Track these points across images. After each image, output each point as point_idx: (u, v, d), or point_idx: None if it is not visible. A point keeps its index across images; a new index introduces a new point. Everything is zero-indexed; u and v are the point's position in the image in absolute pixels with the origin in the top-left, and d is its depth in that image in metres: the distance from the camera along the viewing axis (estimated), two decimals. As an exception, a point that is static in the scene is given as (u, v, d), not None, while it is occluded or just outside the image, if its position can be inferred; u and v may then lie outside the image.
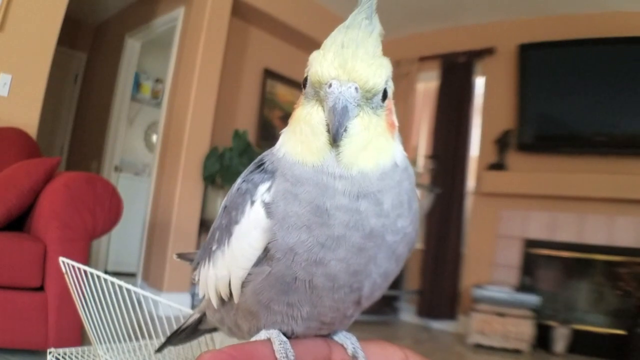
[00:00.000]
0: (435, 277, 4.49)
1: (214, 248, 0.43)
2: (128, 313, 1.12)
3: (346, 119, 0.35)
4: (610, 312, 3.88)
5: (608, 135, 3.92)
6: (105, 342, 1.18)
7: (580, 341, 3.81)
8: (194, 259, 0.61)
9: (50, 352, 1.36)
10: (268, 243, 0.36)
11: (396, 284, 4.58)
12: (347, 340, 0.37)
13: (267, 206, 0.37)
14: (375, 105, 0.37)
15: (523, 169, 4.31)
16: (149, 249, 3.84)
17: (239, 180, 0.43)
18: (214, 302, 0.45)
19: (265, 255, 0.37)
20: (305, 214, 0.35)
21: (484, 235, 4.41)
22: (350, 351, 0.35)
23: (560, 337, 3.81)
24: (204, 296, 0.51)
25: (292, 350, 0.33)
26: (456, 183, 4.54)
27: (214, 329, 0.64)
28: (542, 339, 3.84)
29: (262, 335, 0.37)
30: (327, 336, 0.39)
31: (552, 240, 4.10)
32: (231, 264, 0.39)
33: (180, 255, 0.69)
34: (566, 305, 4.05)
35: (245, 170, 0.44)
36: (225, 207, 0.44)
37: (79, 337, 2.03)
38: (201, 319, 0.60)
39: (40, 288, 2.09)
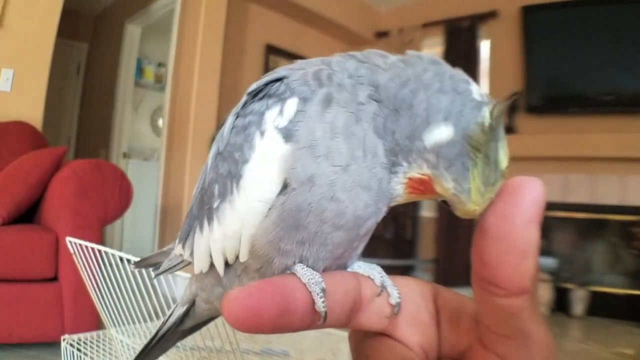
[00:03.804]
0: (450, 244, 4.48)
1: (215, 205, 0.38)
2: (140, 291, 1.10)
3: None
4: (627, 273, 3.86)
5: (616, 94, 3.86)
6: (120, 324, 1.17)
7: (598, 303, 3.80)
8: (157, 262, 0.54)
9: (64, 339, 1.36)
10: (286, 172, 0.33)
11: (410, 253, 4.58)
12: (372, 271, 0.34)
13: (285, 131, 0.33)
14: None
15: (533, 132, 4.26)
16: (163, 233, 3.85)
17: (228, 121, 0.38)
18: (221, 270, 0.39)
19: (283, 186, 0.33)
20: (351, 158, 0.32)
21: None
22: (378, 282, 0.33)
23: (579, 300, 3.80)
24: (192, 280, 0.46)
25: (319, 275, 0.31)
26: (466, 149, 4.50)
27: (199, 326, 0.54)
28: (561, 302, 3.83)
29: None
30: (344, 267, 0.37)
31: (565, 202, 4.06)
32: (246, 211, 0.35)
33: (139, 264, 0.58)
34: (583, 267, 4.02)
35: (234, 110, 0.39)
36: (219, 153, 0.38)
37: (96, 325, 2.02)
38: (188, 312, 0.50)
39: (54, 278, 2.10)
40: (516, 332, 0.25)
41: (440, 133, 0.30)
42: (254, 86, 0.38)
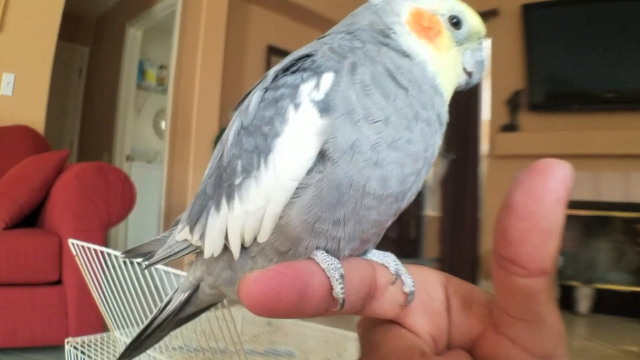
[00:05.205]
0: (454, 243, 4.47)
1: (237, 181, 0.37)
2: (144, 293, 1.10)
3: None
4: (631, 270, 3.85)
5: (618, 91, 3.86)
6: (124, 326, 1.17)
7: (603, 300, 3.79)
8: (148, 251, 0.54)
9: (68, 342, 1.35)
10: (323, 145, 0.32)
11: (415, 252, 4.58)
12: (387, 259, 0.34)
13: (321, 104, 0.33)
14: None
15: (536, 129, 4.26)
16: (166, 236, 3.85)
17: (254, 96, 0.37)
18: (237, 251, 0.38)
19: (316, 162, 0.33)
20: (390, 107, 0.33)
21: (501, 199, 4.34)
22: (392, 269, 0.33)
23: (584, 297, 3.79)
24: (193, 263, 0.46)
25: (338, 261, 0.31)
26: (469, 147, 4.50)
27: (197, 313, 0.53)
28: (565, 300, 3.82)
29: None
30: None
31: (569, 199, 4.05)
32: (273, 187, 0.34)
33: (128, 253, 0.56)
34: (587, 264, 4.01)
35: (259, 85, 0.38)
36: (244, 128, 0.37)
37: (101, 328, 2.01)
38: (189, 299, 0.50)
39: (58, 282, 2.10)
40: (531, 314, 0.24)
41: None
42: (280, 65, 0.37)
